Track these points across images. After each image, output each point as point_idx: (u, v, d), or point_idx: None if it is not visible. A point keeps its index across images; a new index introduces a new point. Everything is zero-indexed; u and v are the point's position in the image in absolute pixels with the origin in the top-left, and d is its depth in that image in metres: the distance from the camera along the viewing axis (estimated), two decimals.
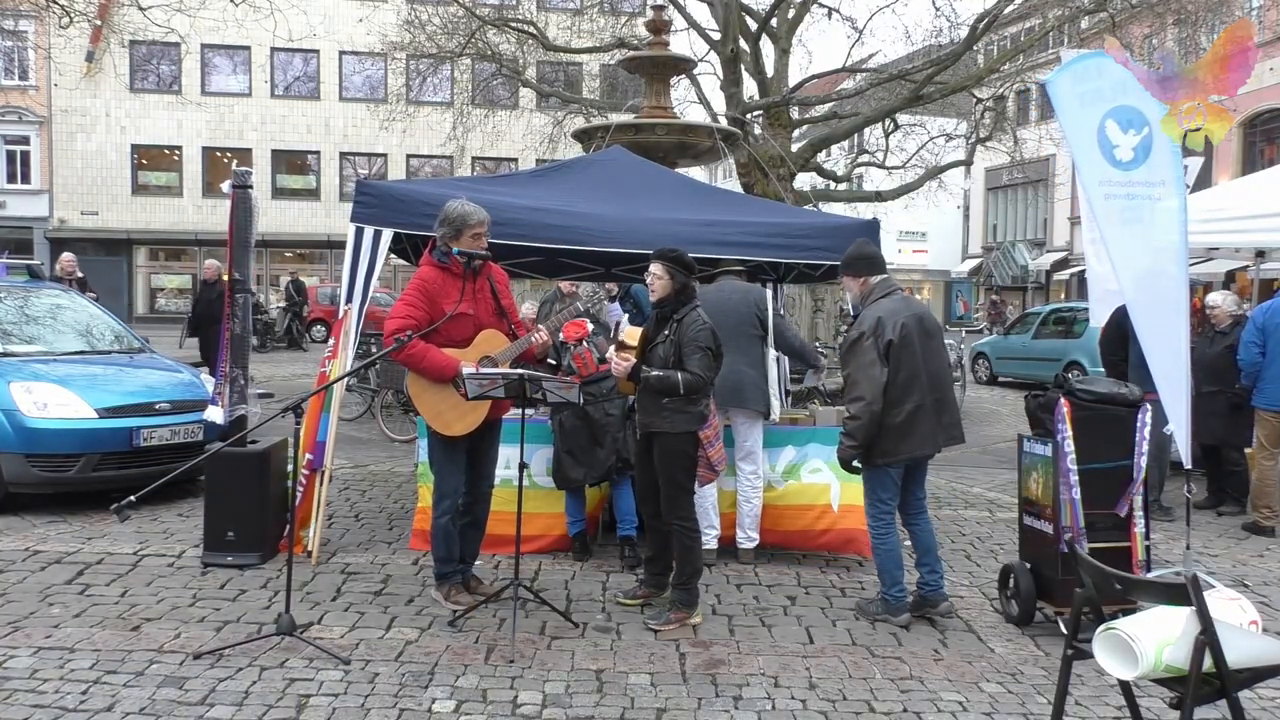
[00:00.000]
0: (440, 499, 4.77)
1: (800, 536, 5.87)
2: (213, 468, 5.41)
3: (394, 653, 4.22)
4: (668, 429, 4.63)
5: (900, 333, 4.59)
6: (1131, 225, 5.06)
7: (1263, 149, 26.68)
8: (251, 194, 5.93)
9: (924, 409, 4.62)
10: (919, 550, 4.89)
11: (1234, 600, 3.07)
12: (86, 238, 32.83)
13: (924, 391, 4.63)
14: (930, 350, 4.71)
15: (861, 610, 4.93)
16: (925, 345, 4.69)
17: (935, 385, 4.69)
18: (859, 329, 4.69)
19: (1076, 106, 5.05)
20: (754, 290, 6.06)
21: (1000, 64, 18.78)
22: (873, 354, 4.58)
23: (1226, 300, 7.87)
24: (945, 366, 4.84)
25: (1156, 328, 5.05)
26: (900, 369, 4.60)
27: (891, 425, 4.60)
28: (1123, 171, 5.05)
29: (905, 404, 4.60)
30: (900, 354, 4.59)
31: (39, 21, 22.25)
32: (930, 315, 4.86)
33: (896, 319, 4.62)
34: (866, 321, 4.65)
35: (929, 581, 4.83)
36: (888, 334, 4.58)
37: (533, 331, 4.80)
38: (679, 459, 4.67)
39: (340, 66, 33.99)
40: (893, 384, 4.58)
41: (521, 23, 19.73)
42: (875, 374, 4.57)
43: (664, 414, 4.62)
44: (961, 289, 47.34)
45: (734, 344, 5.57)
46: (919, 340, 4.66)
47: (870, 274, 4.84)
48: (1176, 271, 5.10)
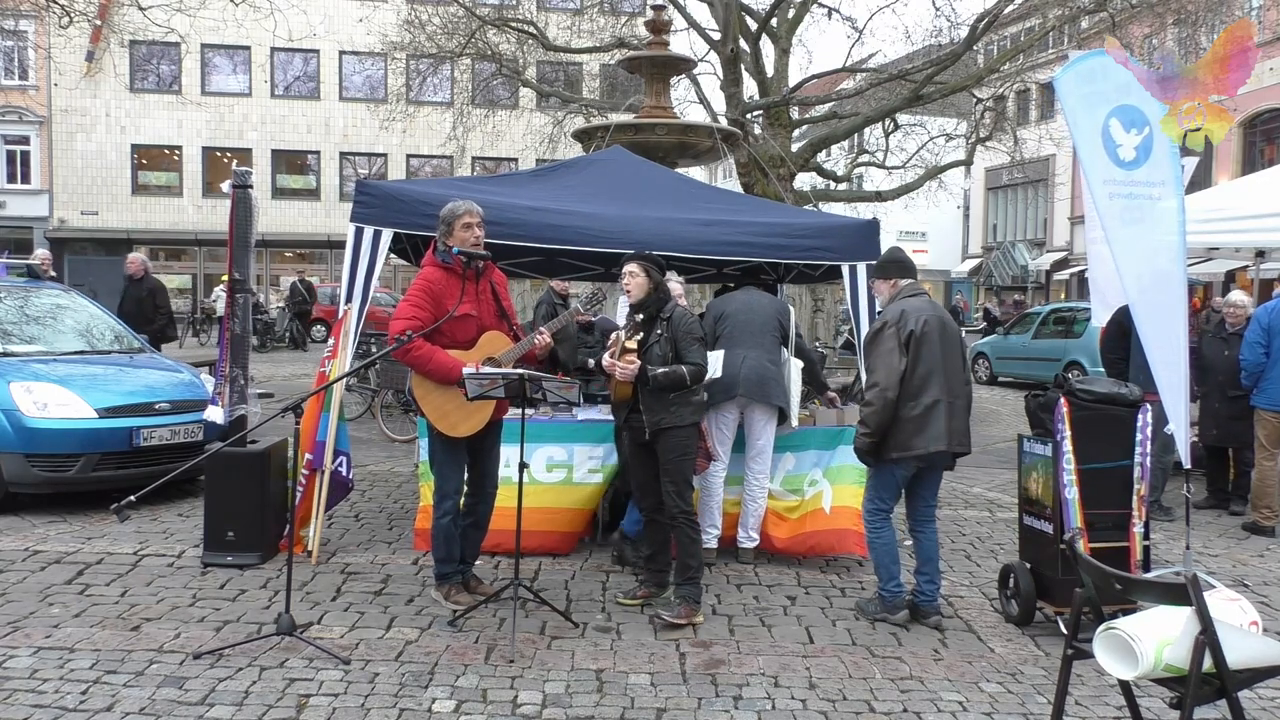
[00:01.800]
0: (442, 499, 4.77)
1: (794, 542, 5.85)
2: (213, 468, 5.41)
3: (394, 653, 4.22)
4: (676, 422, 4.71)
5: (923, 326, 4.64)
6: (1133, 225, 5.07)
7: (1263, 149, 26.68)
8: (251, 194, 5.93)
9: (940, 406, 4.62)
10: (920, 558, 4.88)
11: (1234, 601, 3.07)
12: (86, 238, 32.87)
13: (942, 389, 4.64)
14: (950, 352, 4.73)
15: (861, 609, 4.94)
16: (945, 346, 4.71)
17: (952, 388, 4.70)
18: (882, 320, 4.76)
19: (1082, 105, 5.05)
20: (779, 300, 6.23)
21: (1000, 64, 18.78)
22: (893, 343, 4.64)
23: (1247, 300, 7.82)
24: (962, 373, 4.84)
25: (1157, 328, 5.06)
26: (920, 362, 4.62)
27: (908, 418, 4.60)
28: (1126, 171, 5.06)
29: (923, 397, 4.61)
30: (921, 347, 4.63)
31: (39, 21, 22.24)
32: (953, 323, 4.90)
33: (921, 314, 4.68)
34: (891, 313, 4.73)
35: (925, 591, 4.84)
36: (910, 325, 4.63)
37: (535, 333, 4.82)
38: (686, 453, 4.77)
39: (340, 66, 33.99)
40: (912, 376, 4.61)
41: (521, 23, 19.71)
42: (894, 362, 4.61)
43: (671, 408, 4.70)
44: (961, 289, 47.33)
45: (758, 340, 5.66)
46: (939, 339, 4.69)
47: (901, 277, 4.92)
48: (1176, 271, 5.11)
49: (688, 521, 4.75)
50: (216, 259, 32.48)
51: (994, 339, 19.18)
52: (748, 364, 5.57)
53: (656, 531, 4.97)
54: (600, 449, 5.83)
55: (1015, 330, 18.20)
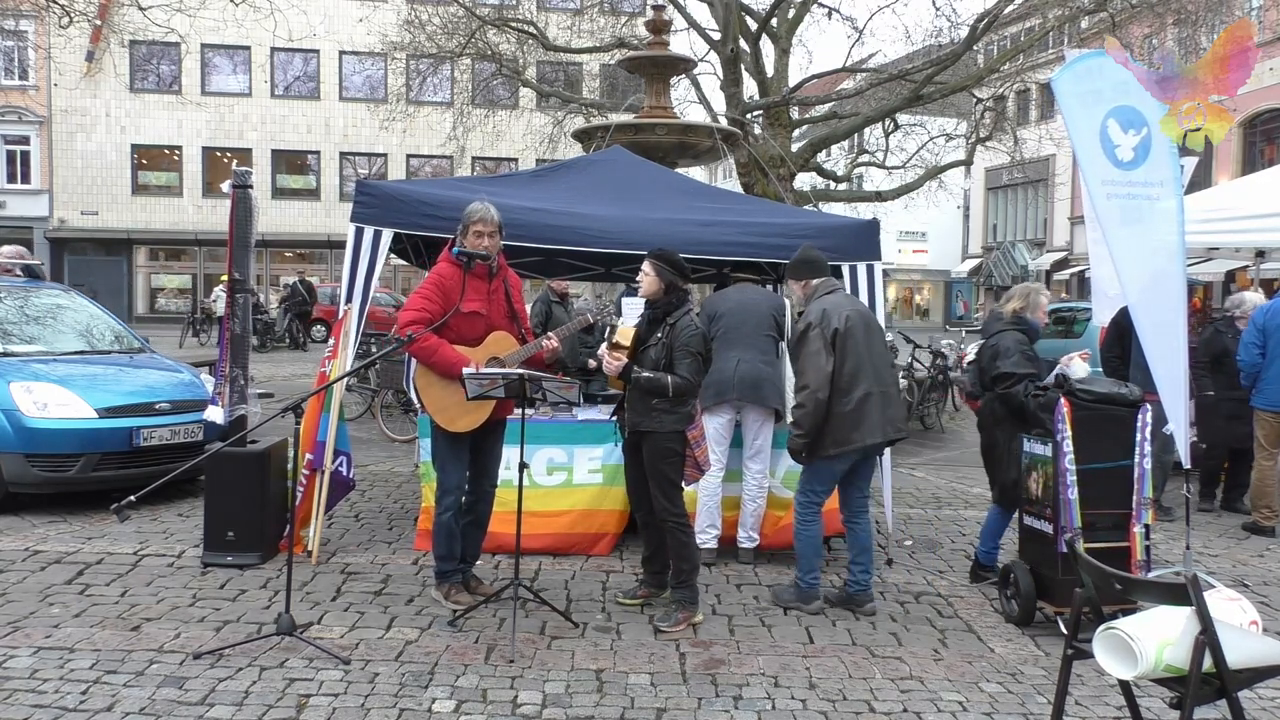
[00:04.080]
0: (443, 495, 4.77)
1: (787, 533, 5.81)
2: (213, 468, 5.42)
3: (394, 653, 4.22)
4: (655, 428, 4.67)
5: (846, 323, 4.79)
6: (1132, 225, 5.07)
7: (1263, 149, 26.68)
8: (251, 194, 5.93)
9: (873, 397, 4.77)
10: (855, 548, 5.02)
11: (1234, 601, 3.07)
12: (86, 238, 32.89)
13: (871, 381, 4.78)
14: (874, 344, 4.89)
15: (776, 596, 5.05)
16: (869, 339, 4.87)
17: (881, 378, 4.86)
18: (805, 321, 4.88)
19: (1079, 106, 5.06)
20: (775, 297, 6.17)
21: (1000, 64, 18.76)
22: (819, 344, 4.77)
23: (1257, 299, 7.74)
24: (888, 363, 5.03)
25: (1157, 327, 5.06)
26: (847, 358, 4.77)
27: (843, 413, 4.74)
28: (1124, 171, 5.07)
29: (854, 392, 4.76)
30: (846, 343, 4.77)
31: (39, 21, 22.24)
32: (872, 315, 5.06)
33: (841, 310, 4.84)
34: (812, 313, 4.86)
35: (859, 580, 4.96)
36: (833, 323, 4.77)
37: (544, 337, 4.82)
38: (667, 456, 4.70)
39: (340, 66, 33.99)
40: (840, 373, 4.75)
41: (521, 23, 19.70)
42: (821, 363, 4.74)
43: (652, 414, 4.66)
44: (961, 289, 47.34)
45: (752, 341, 5.65)
46: (863, 333, 4.83)
47: (812, 276, 5.06)
48: (1176, 271, 5.11)
49: (678, 525, 4.72)
50: (216, 259, 32.49)
51: None
52: (742, 366, 5.57)
53: (652, 533, 4.96)
54: (600, 449, 5.83)
55: None
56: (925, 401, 11.98)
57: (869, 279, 5.99)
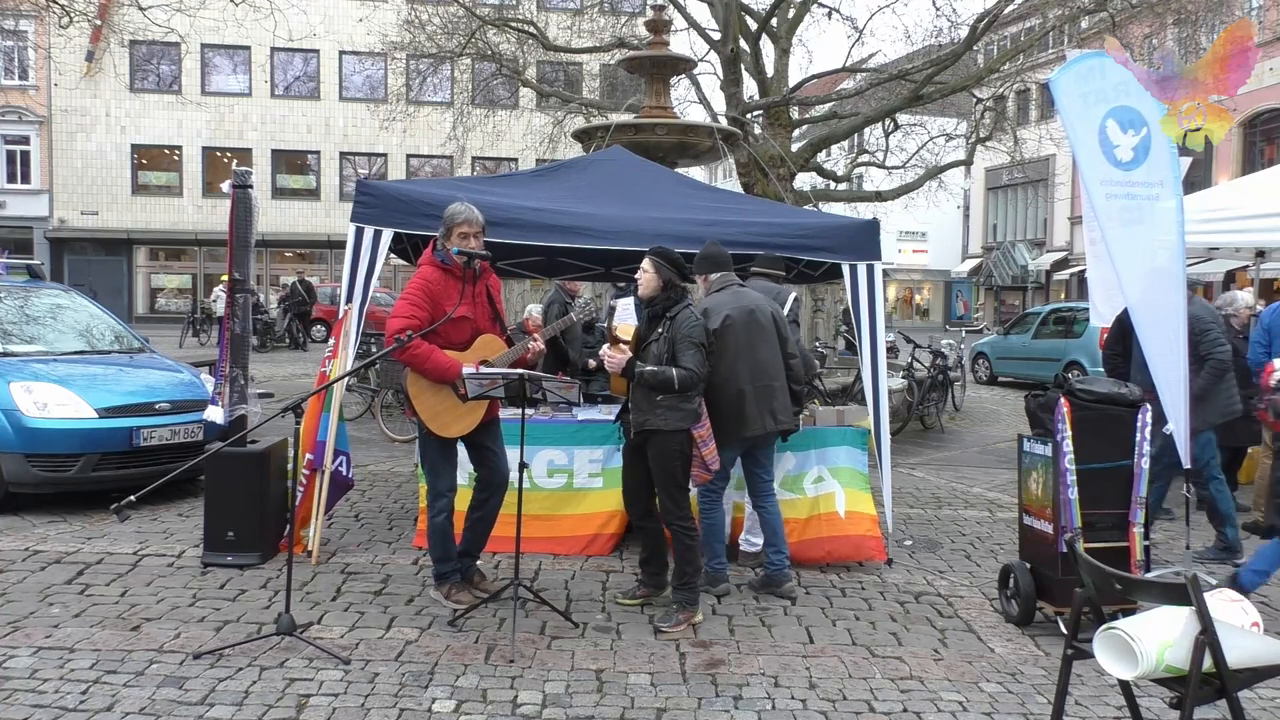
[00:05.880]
0: (435, 499, 4.77)
1: (805, 547, 5.72)
2: (213, 468, 5.42)
3: (394, 653, 4.22)
4: (662, 426, 4.61)
5: (723, 322, 4.98)
6: (1132, 225, 5.07)
7: (1263, 149, 26.69)
8: (251, 194, 5.93)
9: (747, 394, 4.99)
10: (767, 531, 5.21)
11: (1235, 601, 3.07)
12: (86, 238, 32.89)
13: (746, 379, 4.99)
14: (757, 342, 5.07)
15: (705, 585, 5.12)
16: (751, 337, 5.05)
17: (759, 374, 5.04)
18: None
19: (1078, 106, 5.06)
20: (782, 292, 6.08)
21: (1000, 64, 18.78)
22: None
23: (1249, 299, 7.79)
24: (775, 359, 5.16)
25: (1156, 328, 5.06)
26: (722, 356, 4.95)
27: (721, 408, 4.94)
28: (1123, 171, 5.07)
29: (728, 389, 4.98)
30: (723, 341, 4.96)
31: (39, 21, 22.26)
32: (765, 310, 5.18)
33: (721, 310, 5.02)
34: (702, 308, 5.05)
35: (775, 561, 5.16)
36: (712, 322, 4.94)
37: (528, 339, 4.82)
38: (675, 457, 4.65)
39: (340, 66, 33.99)
40: (716, 369, 4.90)
41: (521, 23, 19.71)
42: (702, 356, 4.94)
43: (658, 411, 4.60)
44: (961, 289, 47.34)
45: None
46: (744, 332, 5.03)
47: (711, 271, 5.24)
48: (1176, 271, 5.11)
49: (683, 530, 4.68)
50: (216, 259, 32.50)
51: (994, 339, 19.19)
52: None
53: (648, 535, 4.95)
54: (600, 450, 5.83)
55: (1015, 330, 18.21)
56: (925, 401, 11.97)
57: (869, 279, 5.98)
